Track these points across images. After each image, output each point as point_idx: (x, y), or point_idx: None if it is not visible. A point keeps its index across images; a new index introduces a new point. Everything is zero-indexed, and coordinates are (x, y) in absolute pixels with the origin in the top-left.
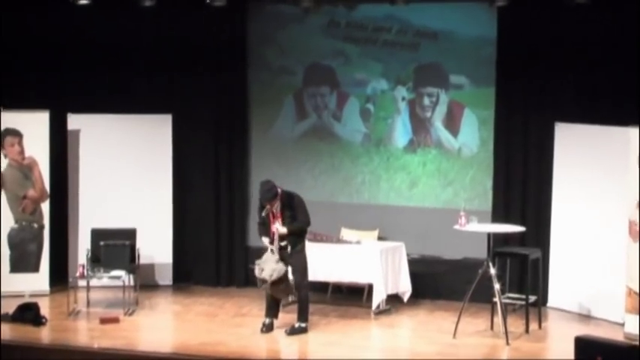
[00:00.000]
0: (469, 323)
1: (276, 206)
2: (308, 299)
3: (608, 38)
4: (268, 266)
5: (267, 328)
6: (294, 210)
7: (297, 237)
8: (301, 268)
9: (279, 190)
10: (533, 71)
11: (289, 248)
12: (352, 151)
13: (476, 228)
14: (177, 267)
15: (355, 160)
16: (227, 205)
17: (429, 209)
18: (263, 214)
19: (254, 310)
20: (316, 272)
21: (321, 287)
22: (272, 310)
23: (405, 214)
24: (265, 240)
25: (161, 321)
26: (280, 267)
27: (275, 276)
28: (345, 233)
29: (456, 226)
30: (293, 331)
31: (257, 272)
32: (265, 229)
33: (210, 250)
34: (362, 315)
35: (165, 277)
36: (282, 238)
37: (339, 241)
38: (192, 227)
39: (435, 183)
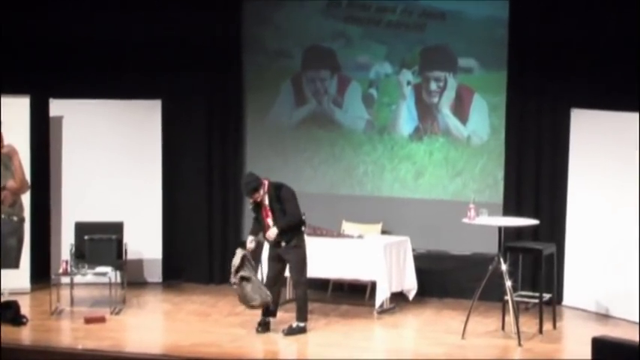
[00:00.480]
0: (479, 323)
1: (265, 200)
2: (307, 297)
3: (628, 18)
4: (254, 291)
5: (264, 328)
6: (282, 203)
7: (290, 231)
8: (298, 264)
9: (266, 183)
10: (548, 54)
11: (283, 244)
12: (354, 140)
13: (486, 221)
14: (167, 263)
15: (357, 149)
16: (220, 197)
17: (435, 201)
18: (250, 207)
19: (249, 309)
20: (316, 268)
21: (321, 285)
22: (269, 308)
23: (411, 207)
24: (249, 241)
25: (150, 321)
26: (263, 293)
27: (258, 302)
28: (347, 227)
29: (465, 220)
30: (291, 332)
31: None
32: (258, 226)
33: (203, 245)
34: (364, 314)
35: (155, 274)
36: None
37: (339, 235)
38: (183, 220)
39: (443, 173)
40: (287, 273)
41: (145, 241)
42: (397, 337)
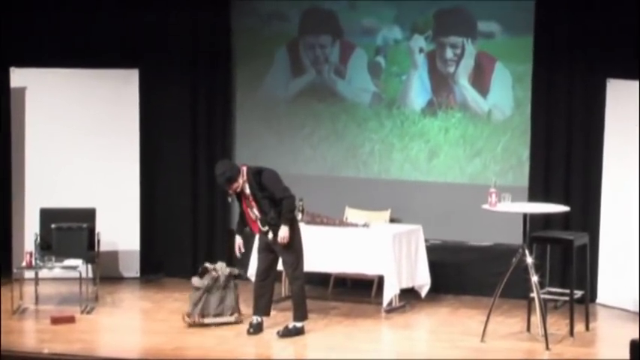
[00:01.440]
0: (501, 323)
1: (246, 189)
2: (304, 294)
3: None
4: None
5: (256, 329)
6: (266, 189)
7: (279, 218)
8: (292, 256)
9: (244, 169)
10: (581, 16)
11: (270, 234)
12: (358, 115)
13: (509, 208)
14: (146, 255)
15: (362, 125)
16: (206, 180)
17: (452, 185)
18: (229, 199)
19: (239, 307)
20: (315, 262)
21: (321, 280)
22: (261, 306)
23: (423, 191)
24: (237, 241)
25: (126, 321)
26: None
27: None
28: (351, 214)
29: (485, 206)
30: (287, 333)
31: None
32: (243, 223)
33: (187, 236)
34: (370, 313)
35: (132, 268)
36: (263, 222)
37: (342, 223)
38: (164, 207)
39: (460, 153)
40: (281, 266)
41: (121, 230)
42: (407, 339)
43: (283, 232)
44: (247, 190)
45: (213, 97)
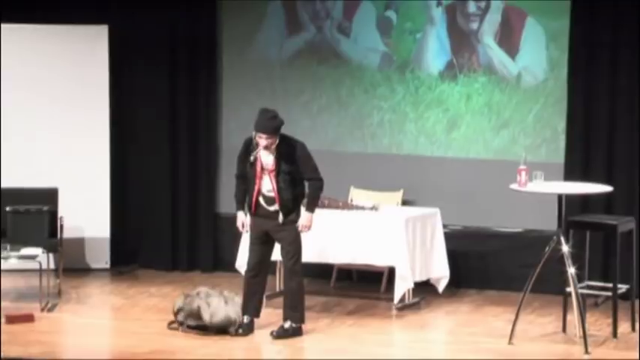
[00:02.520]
0: (532, 323)
1: (271, 153)
2: (303, 293)
3: None
4: (218, 311)
5: (246, 330)
6: (295, 162)
7: (294, 200)
8: (293, 246)
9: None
10: None
11: (280, 216)
12: (366, 79)
13: (542, 188)
14: (118, 244)
15: (370, 91)
16: (188, 156)
17: (474, 161)
18: (251, 158)
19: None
20: (315, 251)
21: (322, 272)
22: (252, 306)
23: (441, 169)
24: (240, 217)
25: (94, 319)
26: (230, 311)
27: (218, 319)
28: (356, 195)
29: (514, 186)
30: (283, 334)
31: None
32: (245, 189)
33: (165, 221)
34: (379, 311)
35: (100, 258)
36: (272, 201)
37: (347, 206)
38: (138, 187)
39: (484, 124)
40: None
41: (88, 214)
42: (423, 341)
43: (306, 219)
44: (272, 158)
45: (194, 57)
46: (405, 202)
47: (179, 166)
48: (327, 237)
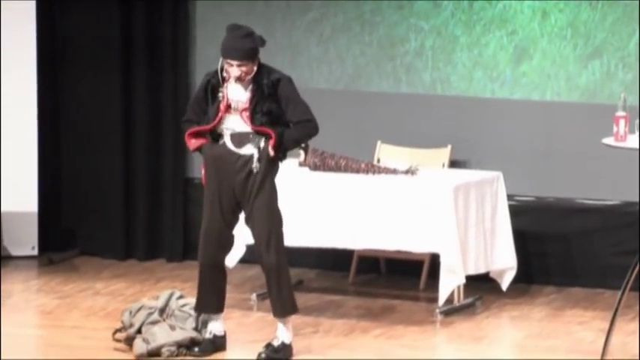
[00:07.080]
0: (633, 334)
1: (244, 87)
2: (286, 279)
3: None
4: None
5: (208, 347)
6: (278, 100)
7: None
8: (271, 219)
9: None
10: None
11: (255, 166)
12: None
13: None
14: (49, 222)
15: (406, 5)
16: (146, 103)
17: (552, 105)
18: (219, 95)
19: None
20: (326, 233)
21: (337, 262)
22: (211, 301)
23: (506, 116)
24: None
25: (16, 327)
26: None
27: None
28: (385, 153)
29: (608, 140)
30: (273, 354)
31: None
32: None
33: (116, 190)
34: (417, 316)
35: (26, 242)
36: (241, 141)
37: (371, 169)
38: (77, 143)
39: (567, 52)
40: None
41: (9, 185)
42: (479, 357)
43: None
44: (249, 93)
45: None
46: (453, 164)
47: (135, 113)
48: (343, 213)
